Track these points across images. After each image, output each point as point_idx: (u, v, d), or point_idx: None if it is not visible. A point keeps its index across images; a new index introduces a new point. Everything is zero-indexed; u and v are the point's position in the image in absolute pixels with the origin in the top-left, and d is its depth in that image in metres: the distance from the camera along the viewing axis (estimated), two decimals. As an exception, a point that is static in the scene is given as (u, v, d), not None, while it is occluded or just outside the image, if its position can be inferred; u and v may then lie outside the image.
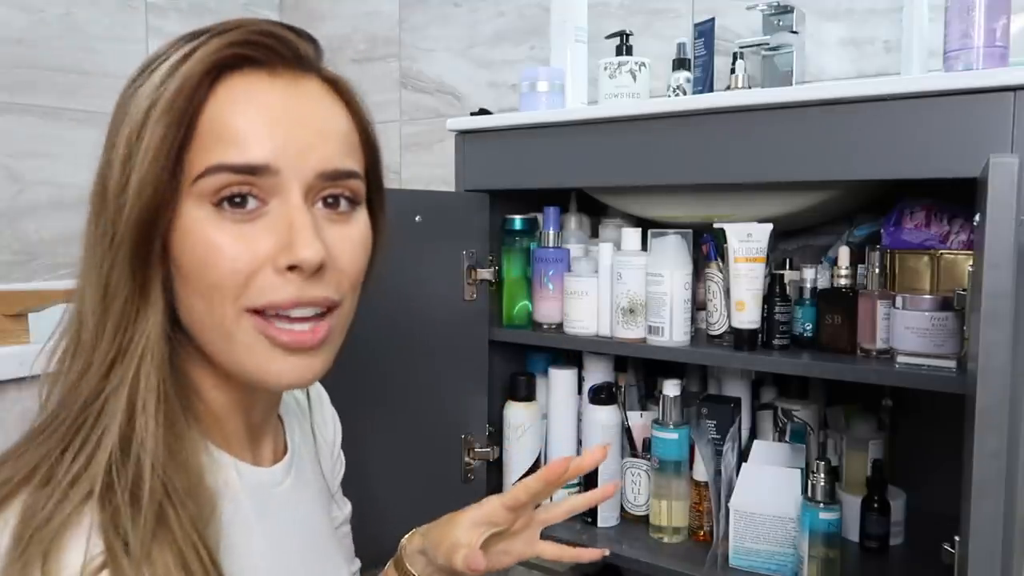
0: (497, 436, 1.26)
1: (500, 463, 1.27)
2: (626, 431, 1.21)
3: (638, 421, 1.21)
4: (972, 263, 0.89)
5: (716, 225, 1.06)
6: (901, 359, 0.94)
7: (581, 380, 1.25)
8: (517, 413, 1.22)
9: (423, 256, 1.16)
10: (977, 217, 0.65)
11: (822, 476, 0.96)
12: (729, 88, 1.20)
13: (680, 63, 1.24)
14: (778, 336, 1.05)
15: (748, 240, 1.03)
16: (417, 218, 1.14)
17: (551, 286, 1.22)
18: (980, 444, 0.56)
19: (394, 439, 1.11)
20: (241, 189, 0.51)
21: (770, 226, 1.04)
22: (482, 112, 1.34)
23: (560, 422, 1.24)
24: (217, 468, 0.56)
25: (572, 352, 1.25)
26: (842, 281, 1.04)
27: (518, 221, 1.26)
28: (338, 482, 0.80)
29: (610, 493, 0.81)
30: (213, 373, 0.57)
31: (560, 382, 1.24)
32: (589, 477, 1.19)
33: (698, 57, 1.28)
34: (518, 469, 1.23)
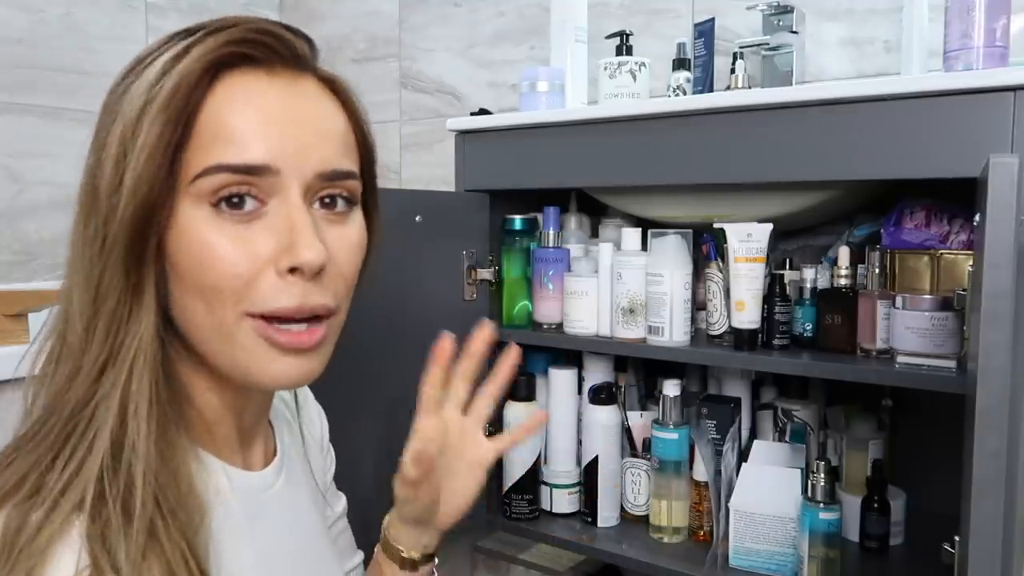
0: (497, 436, 1.26)
1: (500, 463, 1.27)
2: (626, 431, 1.21)
3: (638, 421, 1.22)
4: (972, 263, 0.89)
5: (716, 225, 1.06)
6: (901, 359, 0.94)
7: (581, 380, 1.25)
8: (517, 413, 1.22)
9: (423, 256, 1.16)
10: (977, 217, 0.65)
11: (822, 476, 0.96)
12: (729, 88, 1.20)
13: (680, 63, 1.24)
14: (778, 336, 1.05)
15: (748, 240, 1.03)
16: (417, 218, 1.14)
17: (551, 286, 1.22)
18: (980, 444, 0.56)
19: (394, 439, 1.10)
20: (240, 189, 0.50)
21: (770, 226, 1.04)
22: (482, 112, 1.35)
23: (560, 422, 1.24)
24: (207, 474, 0.55)
25: (572, 352, 1.25)
26: (842, 281, 1.04)
27: (518, 221, 1.26)
28: (330, 477, 0.79)
29: (533, 428, 0.77)
30: (206, 375, 0.56)
31: (560, 382, 1.24)
32: (590, 476, 1.19)
33: (698, 57, 1.28)
34: (518, 469, 1.23)
